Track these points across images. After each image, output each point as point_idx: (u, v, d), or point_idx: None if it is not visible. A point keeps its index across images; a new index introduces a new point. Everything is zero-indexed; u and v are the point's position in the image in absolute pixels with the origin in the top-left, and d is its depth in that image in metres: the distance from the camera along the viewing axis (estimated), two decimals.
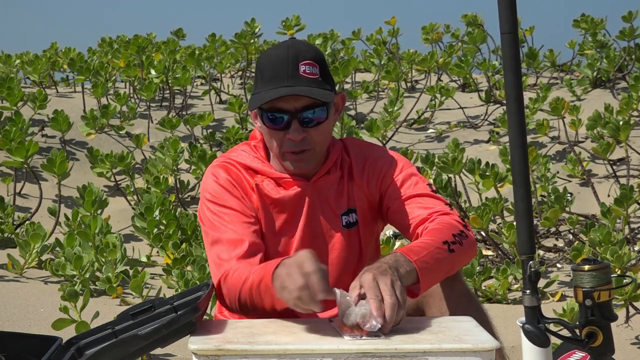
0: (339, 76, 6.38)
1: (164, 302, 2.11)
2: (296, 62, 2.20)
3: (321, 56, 2.26)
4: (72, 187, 5.34)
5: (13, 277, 4.28)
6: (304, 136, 2.22)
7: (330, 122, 2.27)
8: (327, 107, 2.24)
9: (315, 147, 2.25)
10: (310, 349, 1.82)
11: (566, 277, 4.50)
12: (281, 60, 2.21)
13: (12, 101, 6.01)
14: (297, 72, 2.20)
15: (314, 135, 2.23)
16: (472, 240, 2.20)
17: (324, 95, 2.20)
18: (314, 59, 2.22)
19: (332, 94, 2.23)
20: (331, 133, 2.31)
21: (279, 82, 2.19)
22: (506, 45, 1.98)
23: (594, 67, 7.12)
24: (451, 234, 2.14)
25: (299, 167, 2.27)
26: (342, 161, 2.36)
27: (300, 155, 2.25)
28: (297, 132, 2.21)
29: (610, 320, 1.96)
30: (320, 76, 2.22)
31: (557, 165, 5.95)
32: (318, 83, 2.21)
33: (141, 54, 7.11)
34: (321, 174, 2.32)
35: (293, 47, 2.24)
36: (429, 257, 2.06)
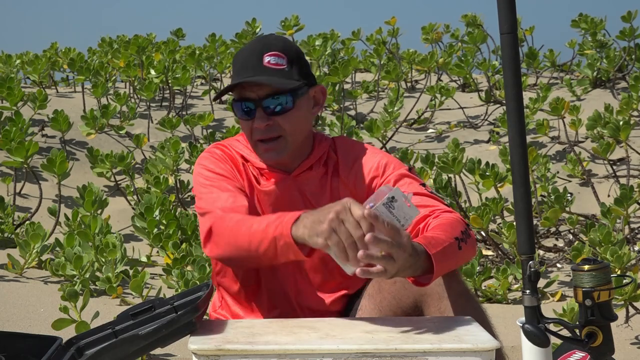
0: (339, 76, 6.38)
1: (164, 302, 2.11)
2: (261, 54, 2.28)
3: (292, 49, 2.32)
4: (72, 187, 5.34)
5: (13, 277, 4.28)
6: (268, 123, 2.27)
7: (302, 112, 2.30)
8: (294, 96, 2.28)
9: (286, 136, 2.29)
10: (310, 349, 1.82)
11: (566, 277, 4.50)
12: (248, 52, 2.30)
13: (12, 101, 6.01)
14: (261, 63, 2.27)
15: (281, 123, 2.28)
16: (474, 239, 2.21)
17: (282, 83, 2.25)
18: (282, 50, 2.29)
19: (294, 83, 2.27)
20: (306, 124, 2.34)
21: (244, 73, 2.27)
22: (506, 46, 1.98)
23: (594, 67, 7.12)
24: (459, 230, 2.16)
25: (269, 156, 2.31)
26: (328, 159, 2.38)
27: (269, 144, 2.29)
28: (261, 119, 2.27)
29: (610, 320, 1.96)
30: (288, 67, 2.28)
31: (557, 165, 5.95)
32: (283, 73, 2.27)
33: (141, 54, 7.12)
34: (303, 168, 2.35)
35: (263, 40, 2.33)
36: (444, 253, 2.06)
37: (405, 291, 2.23)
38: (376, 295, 2.30)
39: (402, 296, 2.24)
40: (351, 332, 1.93)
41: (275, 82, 2.25)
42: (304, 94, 2.31)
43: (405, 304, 2.25)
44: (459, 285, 2.24)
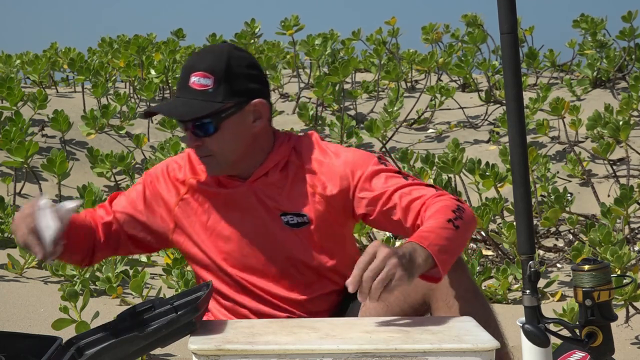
0: (339, 76, 6.38)
1: (164, 302, 2.11)
2: (189, 73, 2.28)
3: (221, 67, 2.27)
4: (72, 187, 5.34)
5: (13, 277, 4.28)
6: (197, 144, 2.29)
7: (232, 132, 2.29)
8: (217, 119, 2.26)
9: (216, 155, 2.30)
10: (310, 349, 1.82)
11: (566, 277, 4.50)
12: (183, 68, 2.32)
13: (12, 101, 6.00)
14: (187, 83, 2.28)
15: (209, 145, 2.28)
16: (470, 213, 2.21)
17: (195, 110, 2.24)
18: (209, 69, 2.26)
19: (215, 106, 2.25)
20: (242, 141, 2.31)
21: (177, 92, 2.30)
22: (506, 46, 1.98)
23: (594, 67, 7.12)
24: (450, 210, 2.15)
25: (206, 171, 2.35)
26: (289, 162, 2.36)
27: (203, 161, 2.33)
28: (190, 141, 2.30)
29: (610, 320, 1.96)
30: (214, 87, 2.25)
31: (557, 165, 5.95)
32: (205, 95, 2.25)
33: (141, 54, 7.11)
34: (258, 175, 2.34)
35: (194, 57, 2.32)
36: (439, 239, 2.07)
37: (414, 287, 2.22)
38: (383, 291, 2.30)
39: (410, 292, 2.23)
40: (351, 332, 1.93)
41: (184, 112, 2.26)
42: (233, 114, 2.28)
43: (414, 300, 2.24)
44: (467, 280, 2.24)
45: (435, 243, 2.06)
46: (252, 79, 2.31)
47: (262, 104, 2.32)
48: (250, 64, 2.33)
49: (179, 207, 2.39)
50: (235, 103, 2.28)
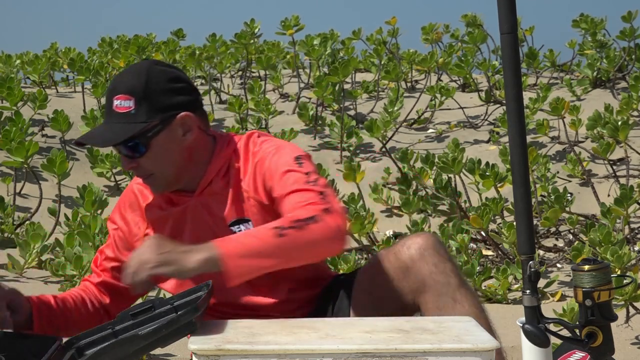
0: (339, 76, 6.37)
1: (164, 302, 2.11)
2: (111, 97, 2.27)
3: (140, 86, 2.26)
4: (72, 187, 5.34)
5: (13, 277, 4.28)
6: (132, 166, 2.29)
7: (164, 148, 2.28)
8: (144, 139, 2.25)
9: (156, 173, 2.30)
10: (310, 349, 1.82)
11: (566, 277, 4.50)
12: (106, 93, 2.31)
13: (12, 101, 6.00)
14: (111, 107, 2.27)
15: (145, 165, 2.28)
16: (325, 225, 2.09)
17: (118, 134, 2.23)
18: (128, 91, 2.25)
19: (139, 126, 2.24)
20: (176, 155, 2.30)
21: (104, 116, 2.30)
22: (506, 46, 1.98)
23: (594, 67, 7.12)
24: (292, 220, 2.10)
25: (152, 190, 2.36)
26: (230, 167, 2.34)
27: (146, 182, 2.33)
28: (125, 163, 2.30)
29: (610, 320, 1.96)
30: (136, 108, 2.24)
31: (557, 165, 5.95)
32: (128, 118, 2.24)
33: (141, 54, 7.11)
34: (203, 186, 2.33)
35: (116, 78, 2.31)
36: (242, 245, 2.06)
37: (403, 288, 2.23)
38: (373, 291, 2.30)
39: (400, 293, 2.24)
40: (351, 332, 1.93)
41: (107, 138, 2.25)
42: (162, 130, 2.26)
43: (404, 301, 2.25)
44: (456, 279, 2.24)
45: (235, 247, 2.05)
46: (176, 92, 2.29)
47: (188, 117, 2.30)
48: (172, 78, 2.30)
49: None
50: (161, 120, 2.26)
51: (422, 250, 2.24)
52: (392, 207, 5.55)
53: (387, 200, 5.54)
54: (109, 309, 2.44)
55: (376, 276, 2.29)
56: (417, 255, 2.24)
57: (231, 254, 2.04)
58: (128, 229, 2.44)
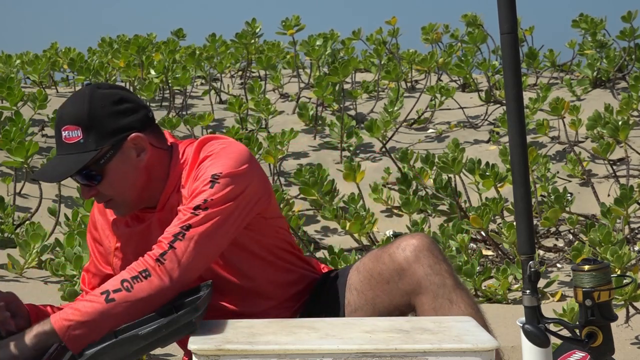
0: (339, 76, 6.38)
1: None
2: (59, 128, 2.25)
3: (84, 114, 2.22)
4: (72, 187, 5.34)
5: (13, 277, 4.28)
6: (92, 193, 2.28)
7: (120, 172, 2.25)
8: (99, 166, 2.23)
9: (115, 197, 2.28)
10: (310, 349, 1.82)
11: (566, 277, 4.50)
12: (54, 125, 2.29)
13: (12, 101, 6.00)
14: (60, 139, 2.25)
15: (103, 190, 2.27)
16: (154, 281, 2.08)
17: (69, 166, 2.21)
18: (73, 121, 2.22)
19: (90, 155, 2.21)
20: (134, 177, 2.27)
21: (56, 149, 2.28)
22: (506, 46, 1.98)
23: (594, 67, 7.12)
24: (121, 280, 2.09)
25: (116, 214, 2.35)
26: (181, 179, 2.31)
27: (107, 205, 2.32)
28: (84, 192, 2.29)
29: (610, 320, 1.96)
30: (84, 137, 2.22)
31: (557, 165, 5.95)
32: (78, 147, 2.22)
33: (141, 54, 7.11)
34: (163, 202, 2.31)
35: (61, 109, 2.27)
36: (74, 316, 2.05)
37: (399, 290, 2.23)
38: (367, 292, 2.30)
39: (395, 295, 2.24)
40: (351, 332, 1.93)
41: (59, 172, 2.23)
42: (114, 155, 2.24)
43: (399, 303, 2.25)
44: (451, 280, 2.24)
45: (65, 320, 2.05)
46: (122, 114, 2.25)
47: (139, 137, 2.26)
48: (116, 100, 2.25)
49: (115, 257, 2.41)
50: (112, 145, 2.23)
51: (417, 252, 2.24)
52: (392, 207, 5.55)
53: (387, 200, 5.54)
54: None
55: (371, 277, 2.29)
56: (412, 256, 2.24)
57: (62, 327, 2.04)
58: (102, 244, 2.45)
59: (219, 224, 2.16)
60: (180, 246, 2.12)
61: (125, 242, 2.37)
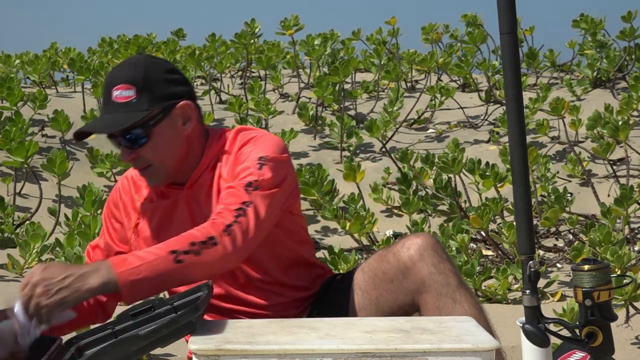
0: (339, 76, 6.38)
1: (164, 302, 2.11)
2: (110, 88, 2.28)
3: (139, 76, 2.28)
4: (72, 187, 5.34)
5: (13, 277, 4.28)
6: (133, 157, 2.29)
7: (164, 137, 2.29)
8: (147, 127, 2.26)
9: (154, 163, 2.30)
10: (310, 349, 1.82)
11: (566, 277, 4.50)
12: (104, 86, 2.32)
13: (12, 101, 6.00)
14: (110, 98, 2.28)
15: (144, 154, 2.28)
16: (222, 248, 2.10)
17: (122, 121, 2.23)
18: (129, 80, 2.26)
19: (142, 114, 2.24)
20: (175, 146, 2.31)
21: (103, 109, 2.30)
22: (506, 46, 1.98)
23: (594, 67, 7.12)
24: (190, 242, 2.08)
25: (148, 183, 2.35)
26: (218, 161, 2.36)
27: (144, 173, 2.33)
28: (124, 154, 2.30)
29: (610, 320, 1.96)
30: (137, 97, 2.25)
31: (557, 165, 5.95)
32: (129, 107, 2.25)
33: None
34: (194, 179, 2.34)
35: (112, 72, 2.32)
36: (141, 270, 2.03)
37: (403, 289, 2.24)
38: (372, 291, 2.31)
39: (399, 294, 2.25)
40: (351, 332, 1.93)
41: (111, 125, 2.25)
42: (163, 119, 2.28)
43: (403, 302, 2.26)
44: (455, 279, 2.25)
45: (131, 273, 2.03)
46: (174, 82, 2.31)
47: (188, 106, 2.33)
48: (169, 69, 2.34)
49: (134, 234, 2.41)
50: (162, 108, 2.28)
51: (422, 251, 2.25)
52: (392, 207, 5.55)
53: (387, 200, 5.54)
54: (105, 306, 2.43)
55: (375, 276, 2.30)
56: (416, 255, 2.25)
57: (126, 279, 2.02)
58: (121, 222, 2.45)
59: (270, 204, 2.22)
60: (243, 221, 2.15)
61: (148, 217, 2.39)
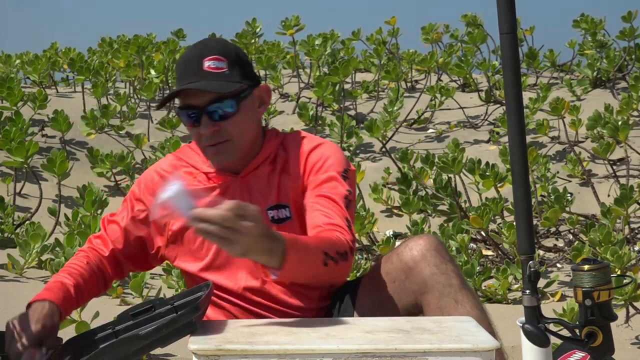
0: (339, 76, 6.38)
1: (164, 302, 2.11)
2: (200, 58, 2.27)
3: (232, 51, 2.31)
4: (72, 187, 5.34)
5: (13, 277, 4.28)
6: (215, 129, 2.27)
7: (247, 114, 2.30)
8: (238, 100, 2.27)
9: (233, 139, 2.29)
10: (310, 349, 1.82)
11: (566, 277, 4.50)
12: (187, 58, 2.29)
13: (12, 101, 6.00)
14: (200, 68, 2.26)
15: (227, 128, 2.27)
16: (348, 265, 2.18)
17: (222, 88, 2.24)
18: (221, 53, 2.28)
19: (235, 86, 2.26)
20: (252, 125, 2.33)
21: (186, 80, 2.26)
22: (505, 46, 1.98)
23: (594, 67, 7.12)
24: (335, 250, 2.12)
25: (218, 160, 2.32)
26: (277, 156, 2.37)
27: (218, 147, 2.29)
28: (207, 126, 2.26)
29: (610, 320, 1.96)
30: (229, 70, 2.27)
31: (557, 165, 5.95)
32: (223, 77, 2.26)
33: (141, 54, 7.12)
34: (250, 169, 2.35)
35: (201, 44, 2.32)
36: (302, 255, 2.04)
37: (405, 289, 2.25)
38: (375, 292, 2.31)
39: (402, 294, 2.25)
40: (351, 332, 1.93)
41: (215, 88, 2.24)
42: (248, 96, 2.30)
43: (406, 302, 2.26)
44: (457, 280, 2.25)
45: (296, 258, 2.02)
46: (252, 66, 2.36)
47: (267, 89, 2.37)
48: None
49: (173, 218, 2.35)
50: (249, 85, 2.30)
51: (424, 251, 2.25)
52: (392, 207, 5.55)
53: (387, 200, 5.54)
54: (108, 278, 2.43)
55: (379, 277, 2.30)
56: (419, 256, 2.25)
57: (292, 260, 2.00)
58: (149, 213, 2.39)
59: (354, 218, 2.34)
60: (350, 238, 2.22)
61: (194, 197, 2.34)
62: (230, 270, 2.35)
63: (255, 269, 2.31)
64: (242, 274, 2.35)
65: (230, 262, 2.33)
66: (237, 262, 2.33)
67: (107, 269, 2.41)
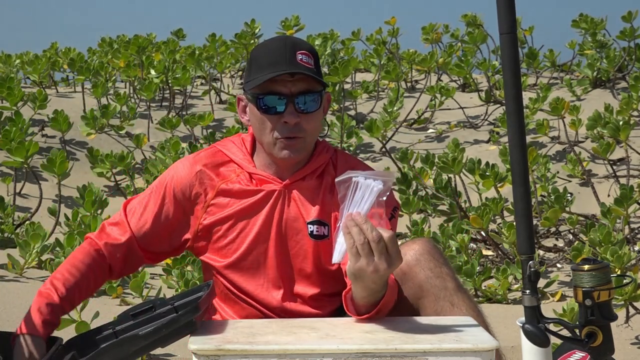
0: (339, 76, 6.38)
1: (165, 302, 2.11)
2: (294, 50, 2.24)
3: (315, 51, 2.32)
4: (72, 187, 5.34)
5: (13, 277, 4.28)
6: (297, 121, 2.24)
7: (321, 116, 2.31)
8: (321, 97, 2.27)
9: (306, 137, 2.27)
10: (310, 349, 1.82)
11: (566, 277, 4.50)
12: (278, 48, 2.25)
13: (12, 101, 6.01)
14: (295, 59, 2.24)
15: (306, 123, 2.26)
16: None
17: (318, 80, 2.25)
18: (310, 50, 2.28)
19: (324, 85, 2.28)
20: (320, 128, 2.33)
21: (278, 67, 2.22)
22: (505, 46, 1.98)
23: (594, 67, 7.12)
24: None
25: (288, 153, 2.27)
26: (325, 172, 2.34)
27: (291, 141, 2.26)
28: (293, 115, 2.23)
29: (610, 320, 1.96)
30: (315, 67, 2.27)
31: (557, 165, 5.95)
32: (313, 72, 2.25)
33: (141, 54, 7.12)
34: (296, 178, 2.31)
35: (289, 39, 2.31)
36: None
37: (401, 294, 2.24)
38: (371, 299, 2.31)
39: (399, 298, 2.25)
40: (351, 332, 1.93)
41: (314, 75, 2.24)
42: (323, 97, 2.30)
43: (403, 306, 2.26)
44: (453, 283, 2.25)
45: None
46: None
47: (329, 98, 2.38)
48: None
49: (206, 213, 2.32)
50: (324, 87, 2.30)
51: (418, 256, 2.25)
52: None
53: None
54: (115, 270, 2.37)
55: None
56: (412, 260, 2.24)
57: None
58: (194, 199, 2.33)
59: None
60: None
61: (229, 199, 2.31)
62: (253, 273, 2.32)
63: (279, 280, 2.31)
64: (266, 280, 2.32)
65: (256, 266, 2.31)
66: (262, 268, 2.31)
67: (115, 261, 2.33)
